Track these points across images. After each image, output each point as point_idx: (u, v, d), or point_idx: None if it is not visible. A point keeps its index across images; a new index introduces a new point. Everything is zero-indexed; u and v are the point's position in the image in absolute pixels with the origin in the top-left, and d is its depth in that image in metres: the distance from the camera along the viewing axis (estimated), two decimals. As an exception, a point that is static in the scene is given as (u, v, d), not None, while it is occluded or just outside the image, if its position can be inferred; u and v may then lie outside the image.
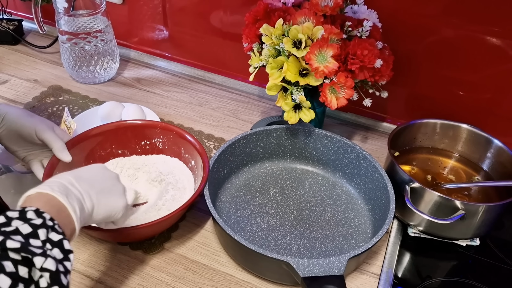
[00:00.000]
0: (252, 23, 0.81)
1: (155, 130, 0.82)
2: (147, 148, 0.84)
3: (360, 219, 0.77)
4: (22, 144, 0.71)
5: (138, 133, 0.83)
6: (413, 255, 0.76)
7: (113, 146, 0.82)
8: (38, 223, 0.44)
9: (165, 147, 0.83)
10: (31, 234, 0.43)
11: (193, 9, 1.06)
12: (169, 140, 0.82)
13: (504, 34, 0.80)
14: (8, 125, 0.69)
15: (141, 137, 0.83)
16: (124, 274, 0.69)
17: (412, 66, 0.90)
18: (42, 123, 0.71)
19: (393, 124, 0.99)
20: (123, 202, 0.60)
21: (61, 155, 0.71)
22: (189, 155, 0.80)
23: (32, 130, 0.70)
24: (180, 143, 0.81)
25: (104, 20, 1.02)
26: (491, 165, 0.83)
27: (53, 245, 0.44)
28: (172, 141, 0.82)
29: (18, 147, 0.72)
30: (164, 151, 0.83)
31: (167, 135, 0.82)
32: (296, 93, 0.76)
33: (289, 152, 0.86)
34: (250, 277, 0.70)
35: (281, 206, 0.79)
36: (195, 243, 0.74)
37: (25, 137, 0.70)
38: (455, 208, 0.71)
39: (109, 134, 0.81)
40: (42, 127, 0.70)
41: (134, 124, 0.83)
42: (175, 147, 0.82)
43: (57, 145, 0.70)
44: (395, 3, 0.85)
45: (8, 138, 0.70)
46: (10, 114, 0.70)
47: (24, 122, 0.70)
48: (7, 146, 0.71)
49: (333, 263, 0.61)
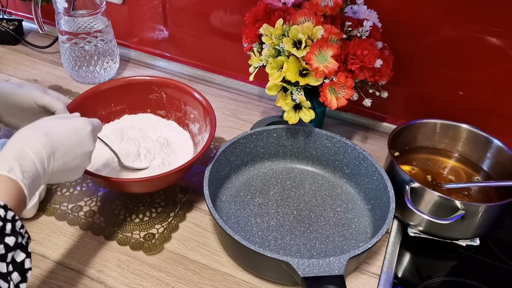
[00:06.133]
0: (252, 23, 0.81)
1: (161, 87, 0.84)
2: (149, 110, 0.86)
3: (360, 219, 0.77)
4: (23, 116, 0.69)
5: (142, 91, 0.83)
6: (413, 255, 0.76)
7: (111, 105, 0.83)
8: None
9: (170, 108, 0.85)
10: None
11: (193, 9, 1.06)
12: (173, 100, 0.84)
13: (504, 34, 0.80)
14: (3, 102, 0.68)
15: (146, 96, 0.84)
16: (124, 274, 0.69)
17: (412, 66, 0.90)
18: (36, 89, 0.69)
19: (393, 124, 0.99)
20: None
21: None
22: (194, 116, 0.83)
23: (30, 99, 0.68)
24: (186, 102, 0.83)
25: (104, 20, 1.02)
26: (491, 165, 0.83)
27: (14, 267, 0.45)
28: (176, 101, 0.84)
29: (21, 121, 0.69)
30: (168, 113, 0.86)
31: (172, 94, 0.83)
32: (296, 93, 0.76)
33: (289, 152, 0.86)
34: (250, 277, 0.70)
35: (281, 206, 0.79)
36: (195, 243, 0.74)
37: (25, 107, 0.68)
38: (455, 208, 0.71)
39: (109, 93, 0.82)
40: (38, 93, 0.68)
41: (138, 81, 0.83)
42: (180, 107, 0.84)
43: (59, 106, 0.69)
44: (395, 3, 0.85)
45: (8, 114, 0.69)
46: (2, 91, 0.68)
47: (19, 93, 0.68)
48: (8, 122, 0.70)
49: (333, 263, 0.61)
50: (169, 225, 0.76)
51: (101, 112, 0.83)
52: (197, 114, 0.83)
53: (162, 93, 0.85)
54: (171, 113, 0.86)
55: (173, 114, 0.86)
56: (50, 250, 0.71)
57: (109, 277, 0.68)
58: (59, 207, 0.78)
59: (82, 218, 0.77)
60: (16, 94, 0.68)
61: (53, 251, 0.71)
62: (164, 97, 0.85)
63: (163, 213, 0.78)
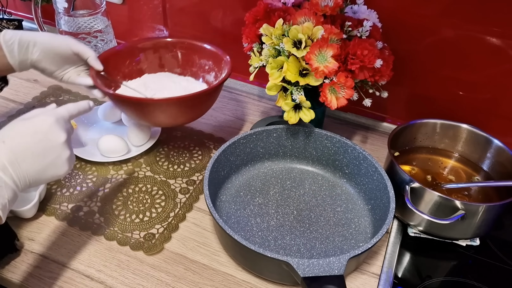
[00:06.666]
0: (252, 23, 0.81)
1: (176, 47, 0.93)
2: (167, 69, 0.94)
3: (360, 219, 0.77)
4: (59, 63, 0.79)
5: (158, 51, 0.93)
6: (413, 255, 0.76)
7: (132, 64, 0.92)
8: None
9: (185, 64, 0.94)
10: None
11: (193, 9, 1.06)
12: (187, 56, 0.93)
13: (504, 34, 0.80)
14: (43, 48, 0.76)
15: (163, 55, 0.93)
16: (124, 274, 0.69)
17: (412, 66, 0.90)
18: (71, 38, 0.80)
19: (393, 124, 0.99)
20: (63, 171, 0.58)
21: (95, 63, 0.80)
22: (209, 66, 0.91)
23: (67, 46, 0.77)
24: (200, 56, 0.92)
25: (104, 20, 1.02)
26: (491, 165, 0.83)
27: None
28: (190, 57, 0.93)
29: (56, 67, 0.79)
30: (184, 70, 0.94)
31: (186, 51, 0.93)
32: (296, 93, 0.76)
33: (289, 152, 0.86)
34: (250, 277, 0.70)
35: (281, 206, 0.79)
36: (195, 243, 0.74)
37: (62, 54, 0.77)
38: (455, 208, 0.71)
39: (129, 52, 0.91)
40: (74, 42, 0.79)
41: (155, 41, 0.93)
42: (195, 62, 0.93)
43: (91, 54, 0.79)
44: (395, 3, 0.85)
45: (47, 60, 0.77)
46: (41, 39, 0.76)
47: (58, 41, 0.77)
48: (44, 68, 0.78)
49: (333, 263, 0.61)
50: (169, 225, 0.76)
51: (123, 69, 0.91)
52: (211, 64, 0.91)
53: (178, 52, 0.94)
54: (187, 70, 0.94)
55: (188, 70, 0.94)
56: (50, 250, 0.71)
57: (109, 277, 0.68)
58: (59, 207, 0.78)
59: (82, 218, 0.77)
60: (55, 40, 0.77)
61: (53, 251, 0.71)
62: (179, 55, 0.94)
63: (163, 213, 0.78)
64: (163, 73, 0.94)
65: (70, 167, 0.59)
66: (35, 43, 0.75)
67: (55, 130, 0.57)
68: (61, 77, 0.81)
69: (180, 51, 0.93)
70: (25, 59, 0.76)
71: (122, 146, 0.86)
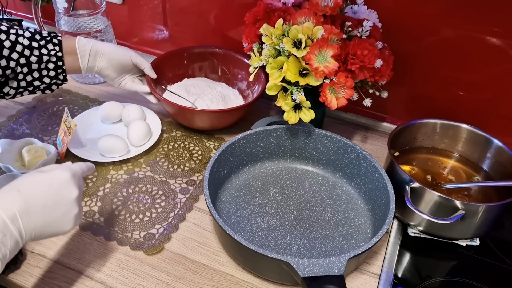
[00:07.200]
0: (252, 23, 0.81)
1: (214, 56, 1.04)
2: (204, 74, 1.06)
3: (360, 219, 0.77)
4: (119, 71, 0.89)
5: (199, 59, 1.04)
6: (413, 255, 0.76)
7: (176, 69, 1.03)
8: None
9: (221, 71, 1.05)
10: None
11: (193, 9, 1.06)
12: (224, 65, 1.04)
13: (504, 34, 0.80)
14: (109, 57, 0.86)
15: (202, 62, 1.04)
16: (124, 274, 0.69)
17: (412, 66, 0.90)
18: (131, 50, 0.91)
19: (393, 124, 0.99)
20: (68, 228, 0.57)
21: (150, 72, 0.92)
22: (242, 76, 1.02)
23: (128, 56, 0.89)
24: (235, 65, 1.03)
25: (104, 20, 1.02)
26: (491, 165, 0.83)
27: None
28: (226, 66, 1.04)
29: (117, 75, 0.90)
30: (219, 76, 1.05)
31: (223, 60, 1.04)
32: (296, 93, 0.76)
33: (289, 152, 0.86)
34: (250, 277, 0.70)
35: (281, 206, 0.79)
36: (195, 243, 0.74)
37: (124, 63, 0.89)
38: (455, 208, 0.71)
39: (175, 59, 1.02)
40: (134, 53, 0.90)
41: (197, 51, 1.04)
42: (230, 70, 1.04)
43: (147, 65, 0.92)
44: (395, 3, 0.85)
45: (110, 68, 0.87)
46: (107, 49, 0.86)
47: (121, 51, 0.88)
48: (107, 75, 0.89)
49: (333, 263, 0.61)
50: (169, 225, 0.76)
51: (168, 74, 1.02)
52: (244, 74, 1.01)
53: (215, 60, 1.04)
54: (222, 76, 1.05)
55: (222, 77, 1.05)
56: (50, 250, 0.72)
57: (109, 277, 0.68)
58: (59, 207, 0.78)
59: (82, 218, 0.77)
60: (119, 51, 0.88)
61: (53, 251, 0.71)
62: (215, 63, 1.04)
63: (163, 213, 0.78)
64: (200, 78, 1.05)
65: (75, 225, 0.58)
66: (103, 52, 0.85)
67: (70, 185, 0.57)
68: (119, 83, 0.92)
69: (218, 59, 1.04)
70: (93, 66, 0.86)
71: (122, 146, 0.87)
